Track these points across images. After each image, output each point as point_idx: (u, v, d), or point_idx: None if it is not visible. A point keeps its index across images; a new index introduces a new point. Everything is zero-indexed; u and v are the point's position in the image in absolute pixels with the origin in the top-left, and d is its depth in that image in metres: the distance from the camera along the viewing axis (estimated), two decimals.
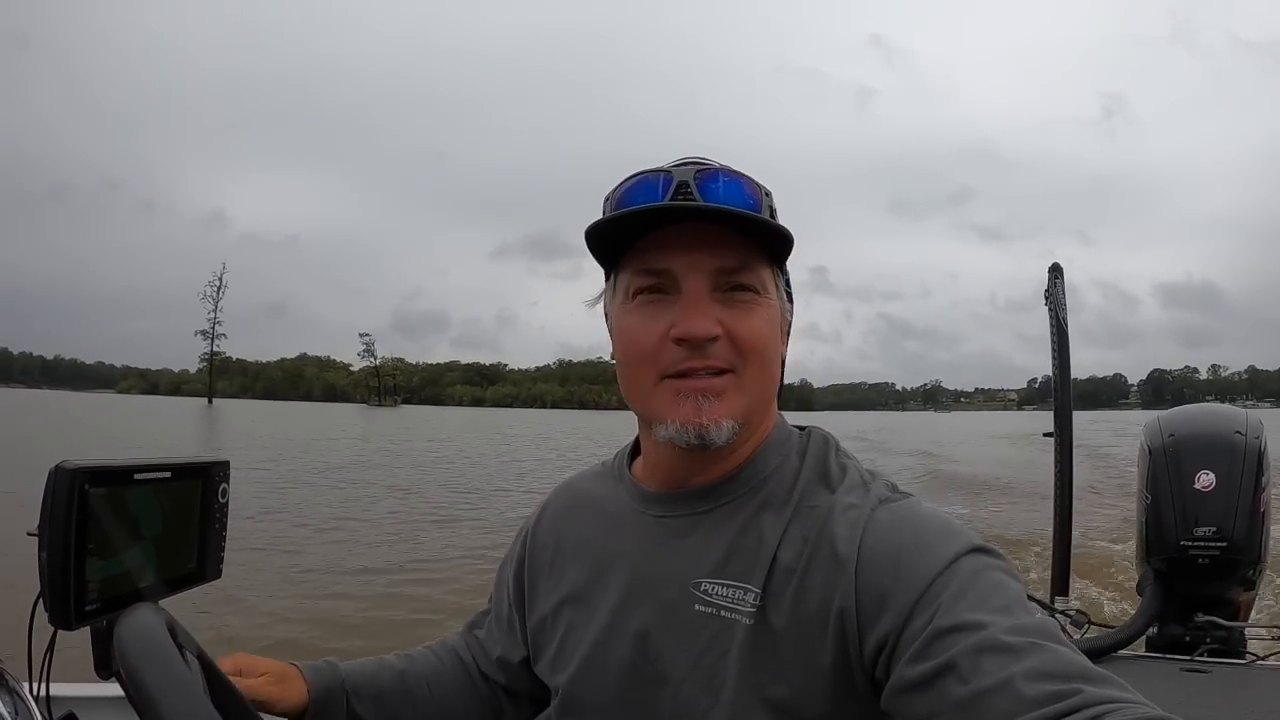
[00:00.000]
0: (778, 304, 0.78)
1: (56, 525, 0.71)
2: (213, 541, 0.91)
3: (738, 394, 0.74)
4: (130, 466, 0.79)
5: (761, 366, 0.75)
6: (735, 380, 0.74)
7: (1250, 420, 2.52)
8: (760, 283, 0.75)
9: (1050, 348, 2.84)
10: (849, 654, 0.68)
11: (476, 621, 1.01)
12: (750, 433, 0.78)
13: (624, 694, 0.78)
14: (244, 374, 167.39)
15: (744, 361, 0.74)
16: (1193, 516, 2.38)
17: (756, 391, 0.76)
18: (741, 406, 0.74)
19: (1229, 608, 2.42)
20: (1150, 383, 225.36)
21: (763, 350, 0.75)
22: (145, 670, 0.66)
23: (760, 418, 0.79)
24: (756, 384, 0.75)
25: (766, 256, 0.75)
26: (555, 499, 0.96)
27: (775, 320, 0.77)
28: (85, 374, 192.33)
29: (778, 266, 0.78)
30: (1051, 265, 2.86)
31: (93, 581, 0.74)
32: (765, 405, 0.79)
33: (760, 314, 0.74)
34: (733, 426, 0.74)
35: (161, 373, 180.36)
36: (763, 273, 0.75)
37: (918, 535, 0.68)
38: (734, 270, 0.73)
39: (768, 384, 0.77)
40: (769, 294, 0.76)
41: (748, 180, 0.75)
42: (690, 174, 0.73)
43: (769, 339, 0.75)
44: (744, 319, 0.73)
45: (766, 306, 0.75)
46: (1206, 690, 2.09)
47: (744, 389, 0.74)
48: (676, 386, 0.74)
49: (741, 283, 0.74)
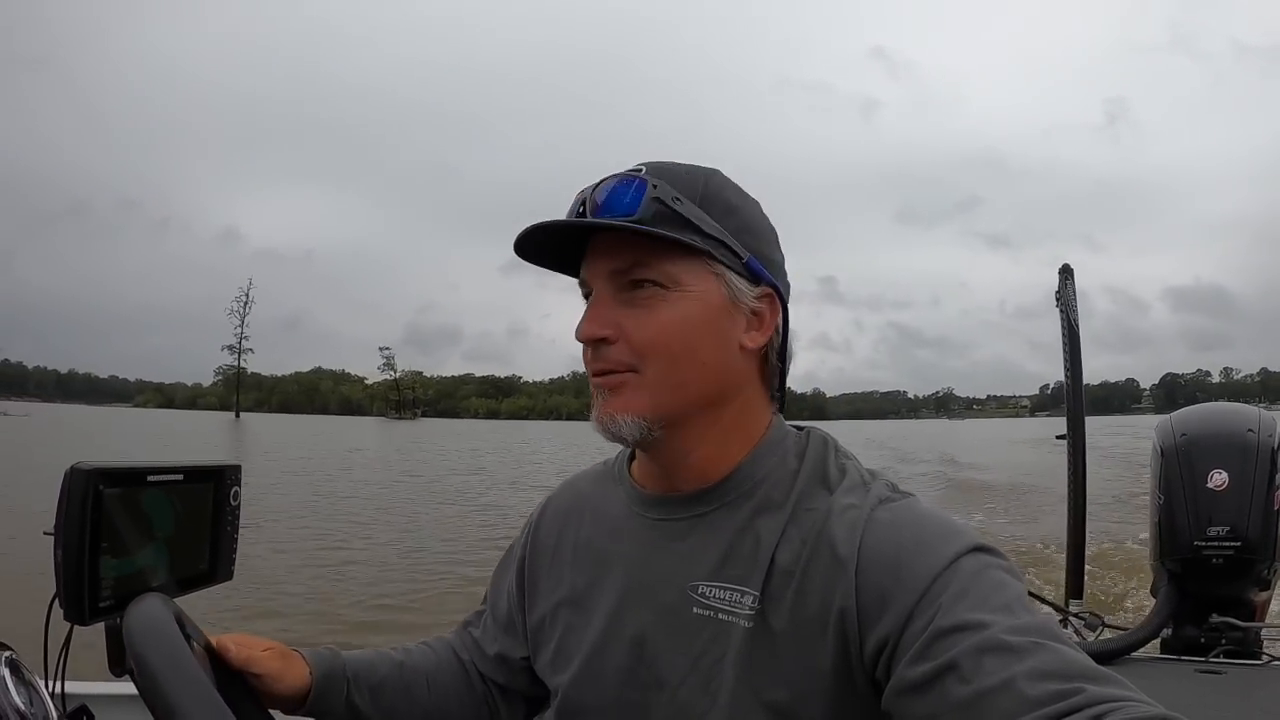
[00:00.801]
0: (708, 294, 0.75)
1: (71, 524, 0.73)
2: (224, 543, 0.93)
3: (638, 391, 0.74)
4: (143, 468, 0.81)
5: (668, 362, 0.74)
6: (636, 378, 0.75)
7: (1263, 418, 2.50)
8: (665, 276, 0.74)
9: (1062, 349, 2.84)
10: (849, 655, 0.67)
11: (472, 620, 1.01)
12: (711, 430, 0.78)
13: (622, 696, 0.78)
14: (259, 388, 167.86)
15: (642, 360, 0.74)
16: (1206, 516, 2.35)
17: (668, 387, 0.75)
18: (645, 403, 0.74)
19: (1245, 608, 2.40)
20: (1163, 387, 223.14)
21: (664, 345, 0.74)
22: (152, 658, 0.68)
23: (697, 414, 0.77)
24: (665, 379, 0.74)
25: (677, 249, 0.74)
26: (557, 499, 0.96)
27: (692, 312, 0.74)
28: (99, 388, 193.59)
29: (717, 254, 0.75)
30: (1062, 267, 2.86)
31: (106, 579, 0.75)
32: (697, 402, 0.76)
33: (664, 309, 0.74)
34: (634, 422, 0.74)
35: (176, 386, 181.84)
36: (668, 266, 0.74)
37: (918, 535, 0.68)
38: (626, 270, 0.75)
39: (686, 379, 0.75)
40: (684, 286, 0.74)
41: (631, 180, 0.75)
42: (590, 189, 0.76)
43: (672, 333, 0.74)
44: (642, 317, 0.74)
45: (676, 300, 0.74)
46: (1221, 692, 2.07)
47: (646, 386, 0.74)
48: (593, 384, 0.77)
49: (638, 279, 0.74)
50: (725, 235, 0.76)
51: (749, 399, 0.80)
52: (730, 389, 0.78)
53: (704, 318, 0.75)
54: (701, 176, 0.77)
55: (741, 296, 0.76)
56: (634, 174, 0.75)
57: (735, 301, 0.76)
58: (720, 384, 0.77)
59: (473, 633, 0.99)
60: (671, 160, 0.78)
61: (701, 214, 0.75)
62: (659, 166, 0.77)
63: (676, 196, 0.74)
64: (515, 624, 0.94)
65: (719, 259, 0.75)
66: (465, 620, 1.02)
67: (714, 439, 0.78)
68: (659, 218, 0.73)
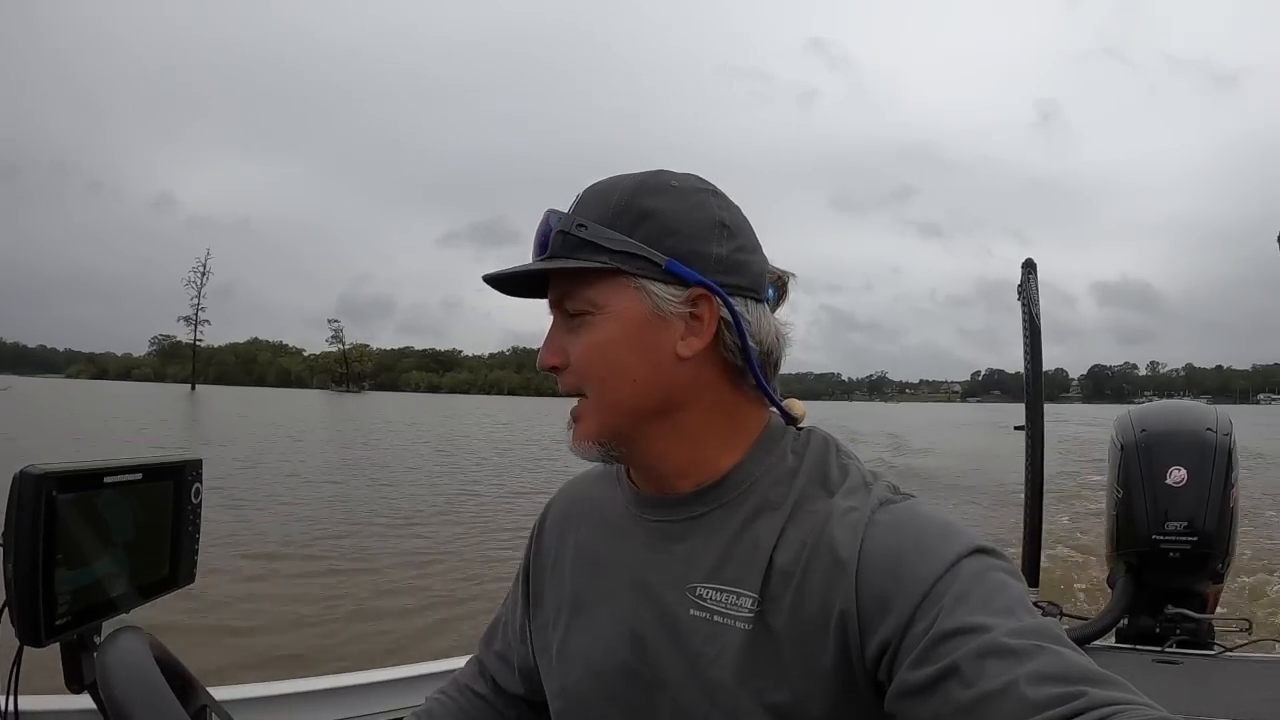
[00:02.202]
0: (628, 309, 0.74)
1: (23, 535, 0.69)
2: (186, 545, 0.90)
3: (587, 416, 0.76)
4: (100, 469, 0.77)
5: (600, 384, 0.75)
6: (586, 403, 0.76)
7: (1220, 417, 2.57)
8: (588, 303, 0.75)
9: (1023, 342, 2.86)
10: (850, 658, 0.66)
11: (491, 635, 1.00)
12: (672, 439, 0.77)
13: (623, 699, 0.77)
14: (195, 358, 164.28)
15: (585, 382, 0.75)
16: (1164, 511, 2.42)
17: (608, 408, 0.75)
18: (595, 427, 0.76)
19: (1198, 600, 2.47)
20: (1091, 377, 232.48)
21: (591, 368, 0.75)
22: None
23: (646, 427, 0.76)
24: (604, 401, 0.75)
25: (591, 273, 0.74)
26: (557, 502, 0.95)
27: (612, 332, 0.74)
28: (27, 358, 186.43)
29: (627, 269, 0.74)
30: (1025, 261, 2.87)
31: (62, 593, 0.72)
32: (639, 416, 0.76)
33: (589, 333, 0.75)
34: (593, 446, 0.76)
35: (107, 356, 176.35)
36: (589, 293, 0.74)
37: (919, 537, 0.67)
38: (559, 302, 0.77)
39: (620, 398, 0.75)
40: (604, 308, 0.74)
41: (548, 217, 0.77)
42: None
43: (594, 355, 0.75)
44: (577, 343, 0.75)
45: (599, 324, 0.74)
46: (1178, 681, 2.13)
47: (595, 409, 0.76)
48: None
49: (572, 310, 0.76)
50: (634, 246, 0.73)
51: (719, 401, 0.77)
52: (678, 397, 0.76)
53: (624, 334, 0.74)
54: (617, 191, 0.76)
55: (666, 304, 0.74)
56: (553, 212, 0.77)
57: (659, 311, 0.74)
58: (661, 395, 0.75)
59: (496, 649, 0.98)
60: (609, 175, 0.79)
61: (607, 232, 0.74)
62: (590, 189, 0.78)
63: (580, 223, 0.74)
64: (526, 632, 0.93)
65: (632, 272, 0.73)
66: (485, 638, 1.01)
67: (682, 446, 0.77)
68: (567, 247, 0.74)
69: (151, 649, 0.75)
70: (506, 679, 0.96)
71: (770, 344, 0.78)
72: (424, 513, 11.51)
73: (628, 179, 0.76)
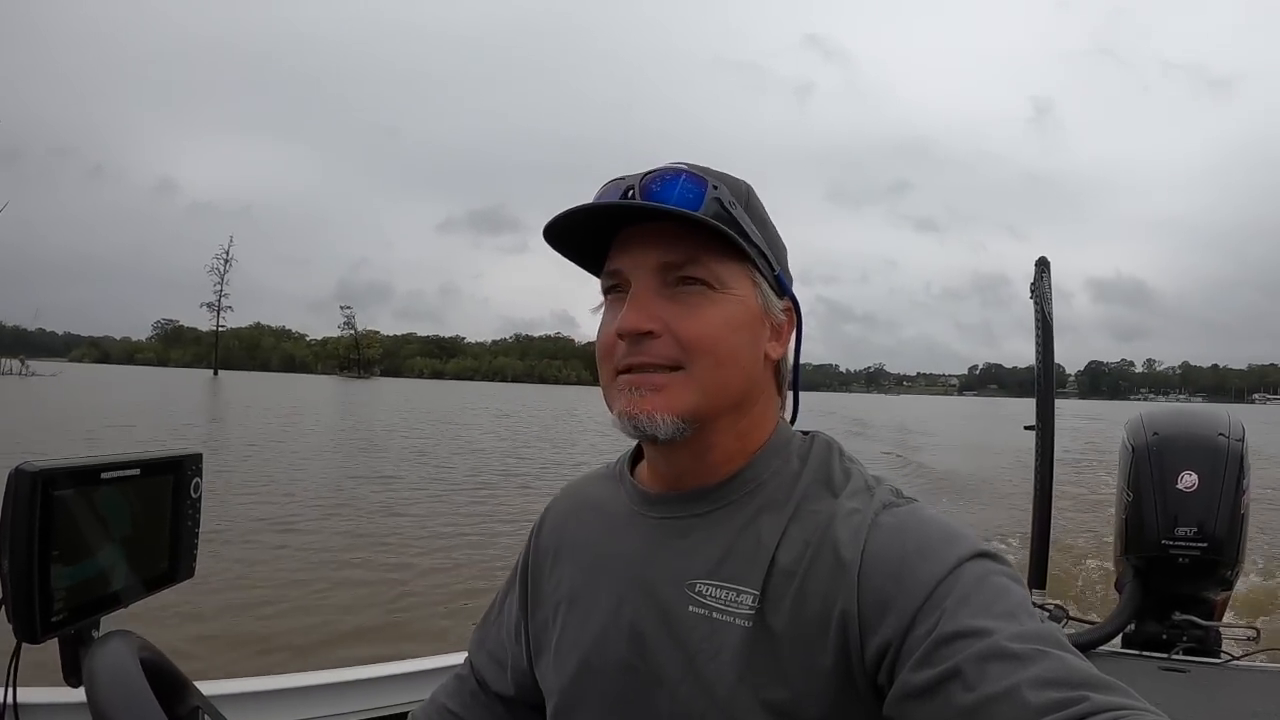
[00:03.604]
0: (748, 299, 0.76)
1: (19, 531, 0.69)
2: (185, 540, 0.90)
3: (683, 390, 0.73)
4: (97, 465, 0.77)
5: (714, 363, 0.73)
6: (682, 376, 0.73)
7: (1233, 423, 2.54)
8: (713, 276, 0.74)
9: (1035, 340, 2.83)
10: (850, 658, 0.67)
11: (483, 636, 0.99)
12: (730, 433, 0.78)
13: (621, 695, 0.77)
14: (198, 343, 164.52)
15: (689, 357, 0.73)
16: (1174, 516, 2.40)
17: (711, 389, 0.74)
18: (687, 403, 0.73)
19: (1205, 607, 2.46)
20: (1087, 374, 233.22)
21: (711, 345, 0.73)
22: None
23: (724, 416, 0.76)
24: (709, 380, 0.74)
25: (728, 251, 0.74)
26: (558, 502, 0.95)
27: (736, 315, 0.75)
28: (26, 341, 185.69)
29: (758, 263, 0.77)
30: (1039, 259, 2.84)
31: (59, 590, 0.72)
32: (728, 405, 0.76)
33: (710, 309, 0.74)
34: (673, 421, 0.73)
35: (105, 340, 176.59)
36: (716, 267, 0.74)
37: (921, 540, 0.67)
38: (678, 265, 0.74)
39: (727, 382, 0.75)
40: (729, 288, 0.74)
41: (691, 176, 0.74)
42: (638, 178, 0.74)
43: (719, 334, 0.74)
44: (689, 314, 0.73)
45: (721, 302, 0.74)
46: (1185, 689, 2.12)
47: (691, 385, 0.73)
48: (624, 381, 0.75)
49: (688, 276, 0.74)
50: (765, 245, 0.77)
51: (765, 404, 0.81)
52: (754, 394, 0.79)
53: (745, 322, 0.76)
54: (744, 186, 0.79)
55: (771, 307, 0.78)
56: (681, 170, 0.75)
57: (766, 311, 0.78)
58: (749, 388, 0.78)
59: (488, 648, 0.98)
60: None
61: (750, 221, 0.76)
62: (706, 170, 0.77)
63: (732, 200, 0.75)
64: (522, 630, 0.93)
65: (759, 268, 0.77)
66: (476, 638, 1.00)
67: (731, 440, 0.78)
68: (718, 219, 0.73)
69: (140, 652, 0.74)
70: (497, 679, 0.95)
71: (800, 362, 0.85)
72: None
73: (732, 176, 0.78)
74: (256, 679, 1.62)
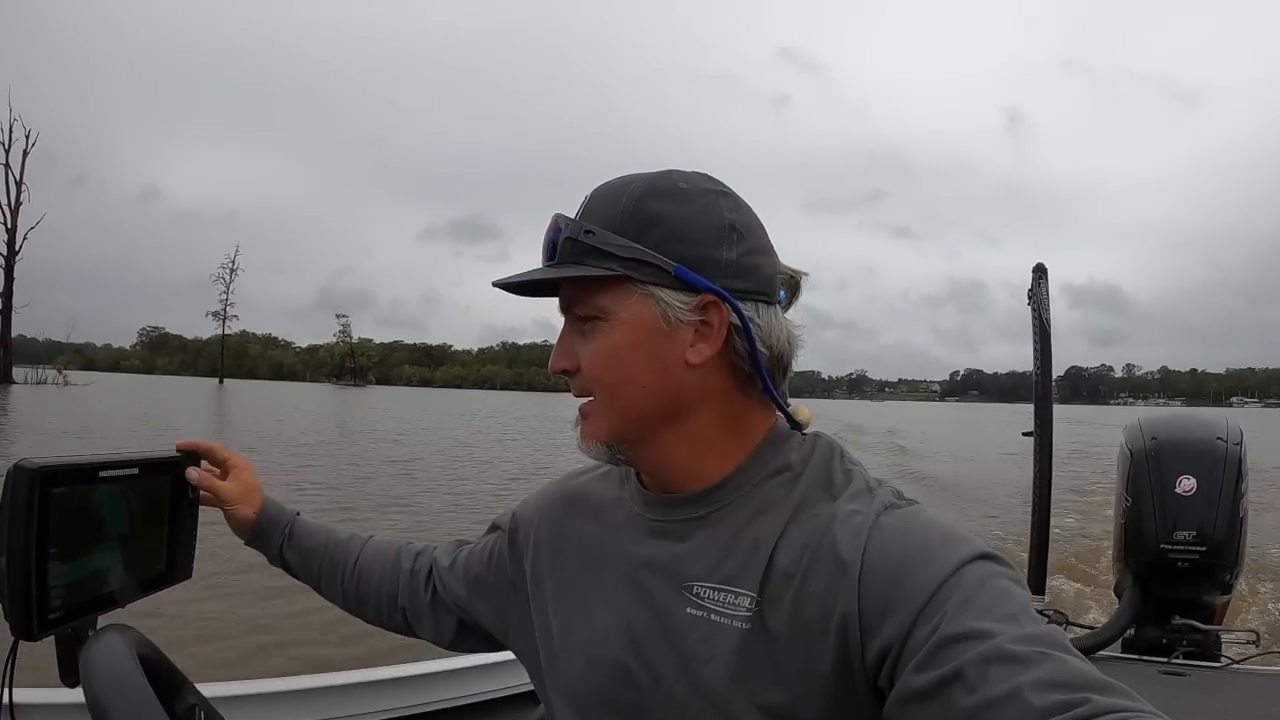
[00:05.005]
0: (637, 316, 0.74)
1: (16, 529, 0.69)
2: (183, 540, 0.90)
3: (598, 418, 0.77)
4: (95, 464, 0.77)
5: (609, 389, 0.75)
6: (597, 405, 0.77)
7: (1231, 427, 2.55)
8: (597, 309, 0.75)
9: (1032, 346, 2.85)
10: (850, 661, 0.66)
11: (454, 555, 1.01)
12: (679, 444, 0.77)
13: (618, 695, 0.77)
14: (184, 350, 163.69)
15: (593, 387, 0.76)
16: (1173, 520, 2.40)
17: (614, 412, 0.76)
18: (602, 429, 0.76)
19: (1205, 611, 2.46)
20: (1067, 379, 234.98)
21: (599, 373, 0.75)
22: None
23: (655, 432, 0.77)
24: (611, 405, 0.76)
25: (597, 281, 0.74)
26: (560, 493, 0.94)
27: (624, 339, 0.74)
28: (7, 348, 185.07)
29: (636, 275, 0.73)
30: (1036, 266, 2.87)
31: (55, 588, 0.72)
32: (649, 420, 0.76)
33: (600, 340, 0.75)
34: (598, 447, 0.77)
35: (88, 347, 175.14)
36: (596, 299, 0.75)
37: (923, 542, 0.67)
38: (569, 306, 0.77)
39: (628, 403, 0.75)
40: (613, 314, 0.74)
41: (554, 225, 0.76)
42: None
43: (605, 362, 0.75)
44: (587, 348, 0.76)
45: (609, 331, 0.74)
46: (1186, 693, 2.12)
47: (600, 413, 0.77)
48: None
49: (582, 315, 0.76)
50: (642, 253, 0.73)
51: (727, 406, 0.78)
52: (686, 403, 0.76)
53: (634, 341, 0.74)
54: (624, 194, 0.75)
55: (675, 312, 0.73)
56: (556, 219, 0.77)
57: (669, 319, 0.74)
58: (670, 401, 0.76)
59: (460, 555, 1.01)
60: (617, 175, 0.78)
61: (615, 238, 0.73)
62: (597, 192, 0.77)
63: (587, 229, 0.74)
64: (481, 582, 0.96)
65: (641, 279, 0.73)
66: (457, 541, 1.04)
67: (689, 450, 0.77)
68: (576, 253, 0.74)
69: (138, 647, 0.74)
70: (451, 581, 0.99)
71: (781, 347, 0.78)
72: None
73: (636, 180, 0.75)
74: (257, 680, 1.61)
